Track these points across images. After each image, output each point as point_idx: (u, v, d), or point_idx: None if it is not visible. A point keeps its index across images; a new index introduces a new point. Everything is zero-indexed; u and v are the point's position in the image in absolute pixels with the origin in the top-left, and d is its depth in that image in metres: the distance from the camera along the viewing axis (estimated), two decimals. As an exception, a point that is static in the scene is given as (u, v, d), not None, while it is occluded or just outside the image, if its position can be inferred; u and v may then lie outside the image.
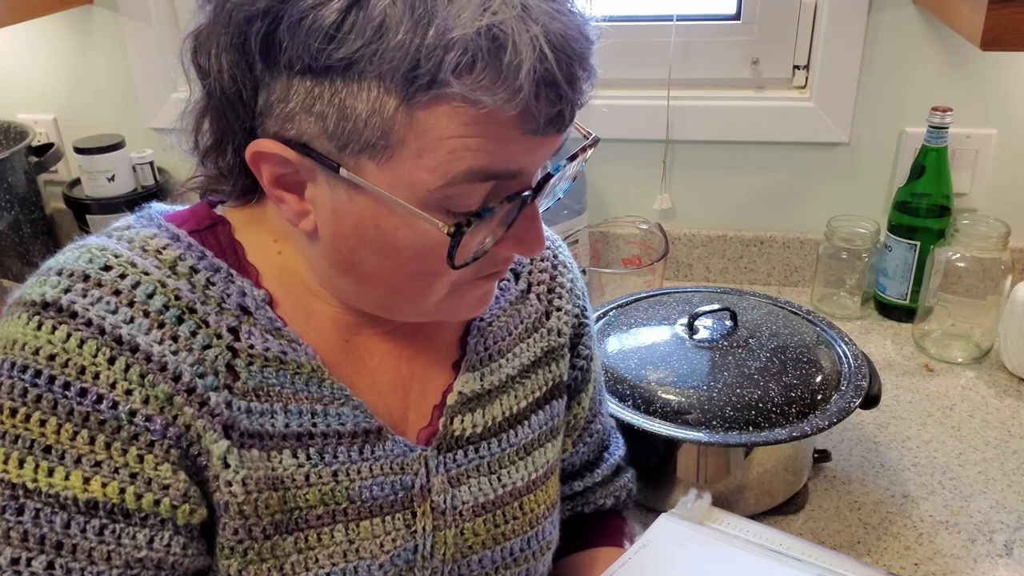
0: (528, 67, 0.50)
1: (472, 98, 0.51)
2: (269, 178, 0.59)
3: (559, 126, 0.55)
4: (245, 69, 0.57)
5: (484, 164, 0.54)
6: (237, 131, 0.60)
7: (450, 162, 0.54)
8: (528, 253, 0.62)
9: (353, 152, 0.55)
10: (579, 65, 0.54)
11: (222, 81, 0.58)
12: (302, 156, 0.56)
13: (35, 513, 0.56)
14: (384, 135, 0.53)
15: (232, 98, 0.58)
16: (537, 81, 0.51)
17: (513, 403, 0.75)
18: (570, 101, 0.54)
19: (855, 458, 1.12)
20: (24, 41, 1.61)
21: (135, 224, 0.65)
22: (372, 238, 0.59)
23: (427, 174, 0.54)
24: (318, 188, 0.59)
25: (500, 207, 0.58)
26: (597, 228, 1.50)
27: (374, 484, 0.67)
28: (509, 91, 0.51)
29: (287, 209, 0.60)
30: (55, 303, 0.57)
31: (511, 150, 0.55)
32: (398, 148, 0.54)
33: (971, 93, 1.36)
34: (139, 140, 1.62)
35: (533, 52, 0.50)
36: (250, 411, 0.62)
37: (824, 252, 1.42)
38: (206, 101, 0.61)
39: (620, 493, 0.91)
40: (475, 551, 0.73)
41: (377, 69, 0.51)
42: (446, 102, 0.52)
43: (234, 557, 0.62)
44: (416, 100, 0.52)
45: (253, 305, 0.63)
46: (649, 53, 1.44)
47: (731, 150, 1.47)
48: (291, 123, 0.56)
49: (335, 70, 0.52)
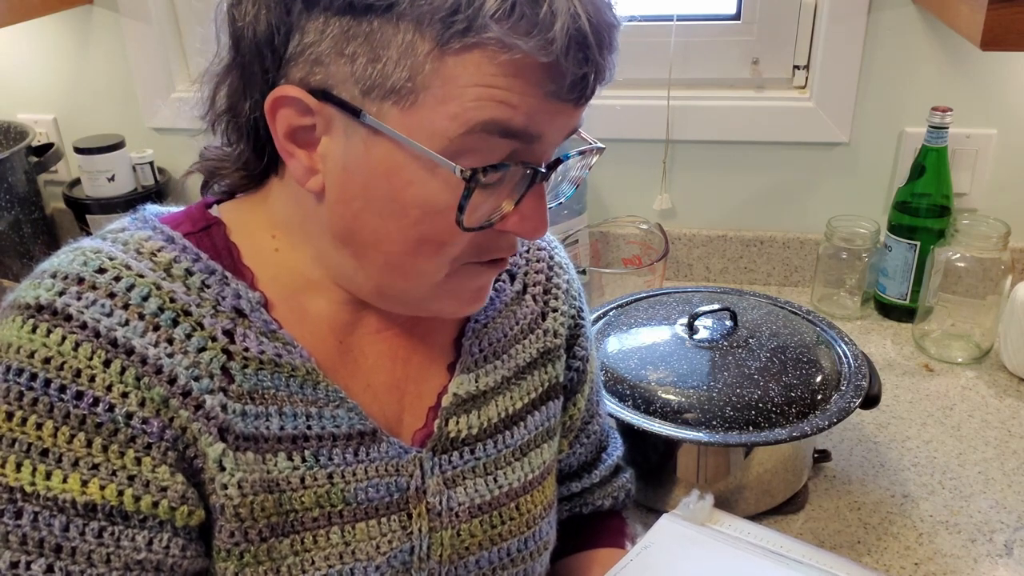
0: (562, 22, 0.52)
1: (508, 42, 0.52)
2: (284, 130, 0.59)
3: (581, 93, 0.57)
4: (283, 12, 0.57)
5: (505, 117, 0.55)
6: (259, 84, 0.60)
7: (473, 110, 0.54)
8: (530, 234, 0.62)
9: (377, 97, 0.55)
10: (608, 33, 0.56)
11: (257, 27, 0.58)
12: (323, 103, 0.57)
13: (33, 516, 0.55)
14: (411, 78, 0.54)
15: (262, 43, 0.59)
16: (570, 37, 0.53)
17: (509, 404, 0.75)
18: (596, 66, 0.56)
19: (855, 458, 1.12)
20: (24, 41, 1.61)
21: (130, 226, 0.65)
22: (380, 196, 0.59)
23: (448, 121, 0.55)
24: (333, 141, 0.59)
25: (515, 169, 0.58)
26: (597, 228, 1.50)
27: (369, 486, 0.67)
28: (543, 40, 0.53)
29: (296, 165, 0.60)
30: (50, 306, 0.57)
31: (533, 109, 0.56)
32: (422, 93, 0.54)
33: (971, 93, 1.35)
34: (139, 140, 1.62)
35: (568, 9, 0.53)
36: (245, 414, 0.62)
37: (824, 252, 1.41)
38: (232, 56, 0.61)
39: (618, 494, 0.91)
40: (472, 552, 0.72)
41: (416, 11, 0.52)
42: (479, 48, 0.53)
43: (230, 560, 0.62)
44: (449, 46, 0.53)
45: (248, 307, 0.63)
46: (649, 53, 1.44)
47: (731, 150, 1.47)
48: (319, 67, 0.56)
49: (375, 10, 0.53)
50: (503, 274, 0.78)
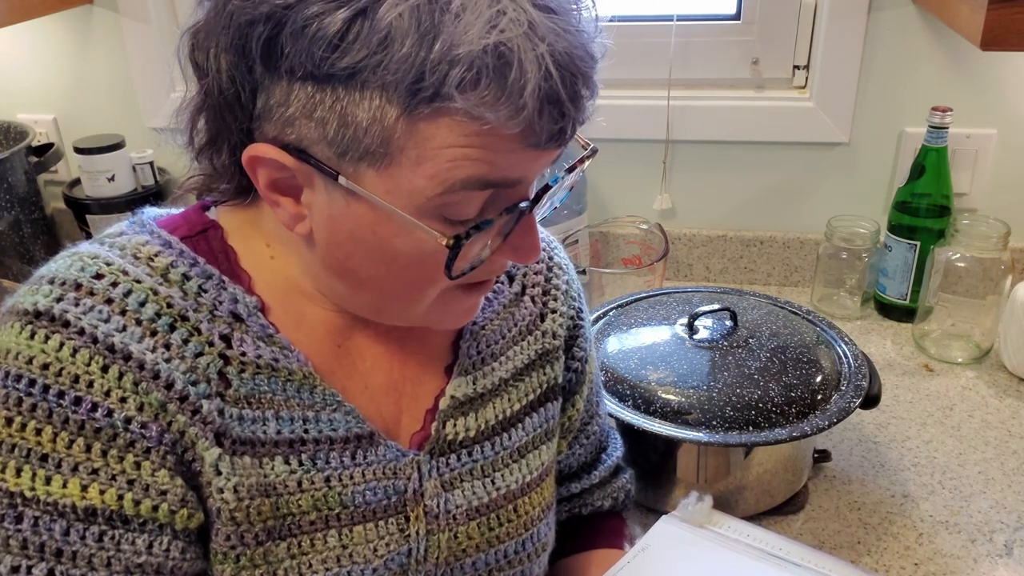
0: (533, 85, 0.51)
1: (475, 114, 0.51)
2: (265, 182, 0.59)
3: (560, 141, 0.56)
4: (244, 71, 0.56)
5: (483, 173, 0.54)
6: (234, 131, 0.60)
7: (449, 170, 0.54)
8: (524, 261, 0.63)
9: (352, 159, 0.55)
10: (583, 83, 0.54)
11: (220, 81, 0.57)
12: (300, 162, 0.56)
13: (34, 521, 0.56)
14: (384, 143, 0.53)
15: (230, 99, 0.58)
16: (541, 99, 0.52)
17: (506, 406, 0.75)
18: (572, 118, 0.54)
19: (855, 458, 1.12)
20: (24, 41, 1.61)
21: (127, 231, 0.65)
22: (368, 244, 0.59)
23: (426, 181, 0.54)
24: (315, 193, 0.59)
25: (498, 219, 0.58)
26: (597, 228, 1.50)
27: (366, 489, 0.67)
28: (512, 108, 0.51)
29: (283, 213, 0.60)
30: (47, 312, 0.57)
31: (511, 161, 0.55)
32: (397, 155, 0.54)
33: (971, 93, 1.35)
34: (139, 140, 1.62)
35: (539, 71, 0.51)
36: (242, 418, 0.62)
37: (824, 252, 1.41)
38: (202, 99, 0.60)
39: (618, 495, 0.91)
40: (469, 554, 0.73)
41: (380, 79, 0.51)
42: (448, 115, 0.52)
43: (227, 563, 0.62)
44: (418, 112, 0.52)
45: (245, 312, 0.63)
46: (649, 53, 1.44)
47: (731, 150, 1.47)
48: (290, 128, 0.55)
49: (337, 78, 0.52)
50: (502, 275, 0.78)
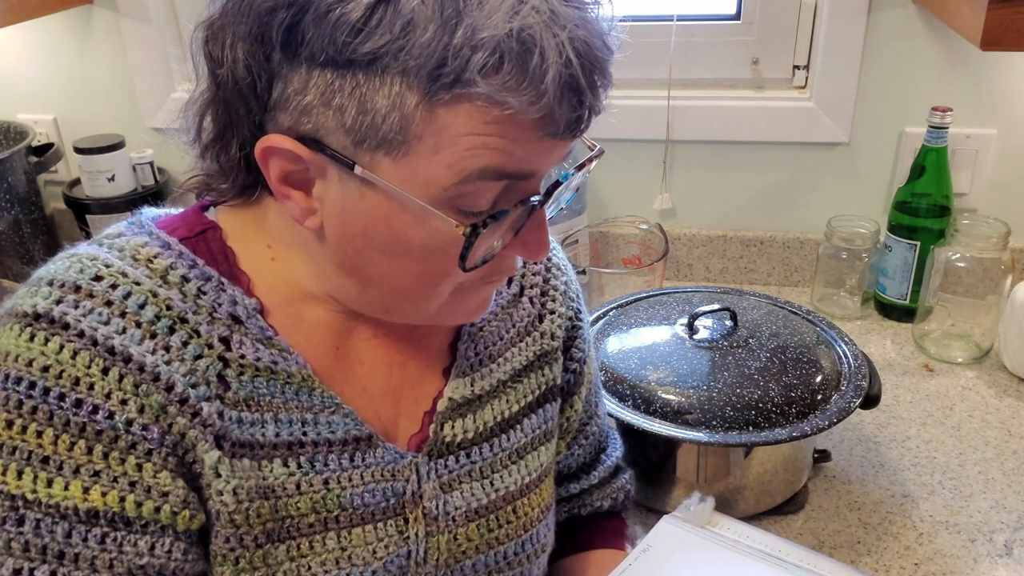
0: (554, 72, 0.51)
1: (497, 98, 0.52)
2: (277, 175, 0.59)
3: (577, 130, 0.56)
4: (262, 59, 0.56)
5: (500, 163, 0.55)
6: (244, 124, 0.60)
7: (467, 159, 0.54)
8: (533, 257, 0.63)
9: (369, 148, 0.55)
10: (600, 72, 0.55)
11: (236, 71, 0.57)
12: (315, 152, 0.56)
13: (36, 524, 0.56)
14: (402, 130, 0.53)
15: (244, 89, 0.58)
16: (562, 86, 0.52)
17: (505, 408, 0.75)
18: (590, 106, 0.55)
19: (855, 458, 1.12)
20: (24, 41, 1.61)
21: (126, 231, 0.65)
22: (381, 237, 0.59)
23: (443, 171, 0.55)
24: (328, 185, 0.58)
25: (513, 210, 0.58)
26: (597, 228, 1.50)
27: (365, 491, 0.67)
28: (534, 94, 0.52)
29: (293, 207, 0.60)
30: (47, 314, 0.57)
31: (528, 151, 0.55)
32: (415, 144, 0.54)
33: (971, 93, 1.35)
34: (139, 140, 1.62)
35: (560, 57, 0.51)
36: (241, 421, 0.62)
37: (824, 252, 1.41)
38: (214, 92, 0.60)
39: (618, 495, 0.91)
40: (468, 556, 0.73)
41: (402, 65, 0.51)
42: (469, 101, 0.52)
43: (226, 565, 0.62)
44: (438, 98, 0.52)
45: (244, 314, 0.63)
46: (649, 53, 1.44)
47: (731, 150, 1.47)
48: (307, 116, 0.55)
49: (358, 64, 0.52)
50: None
